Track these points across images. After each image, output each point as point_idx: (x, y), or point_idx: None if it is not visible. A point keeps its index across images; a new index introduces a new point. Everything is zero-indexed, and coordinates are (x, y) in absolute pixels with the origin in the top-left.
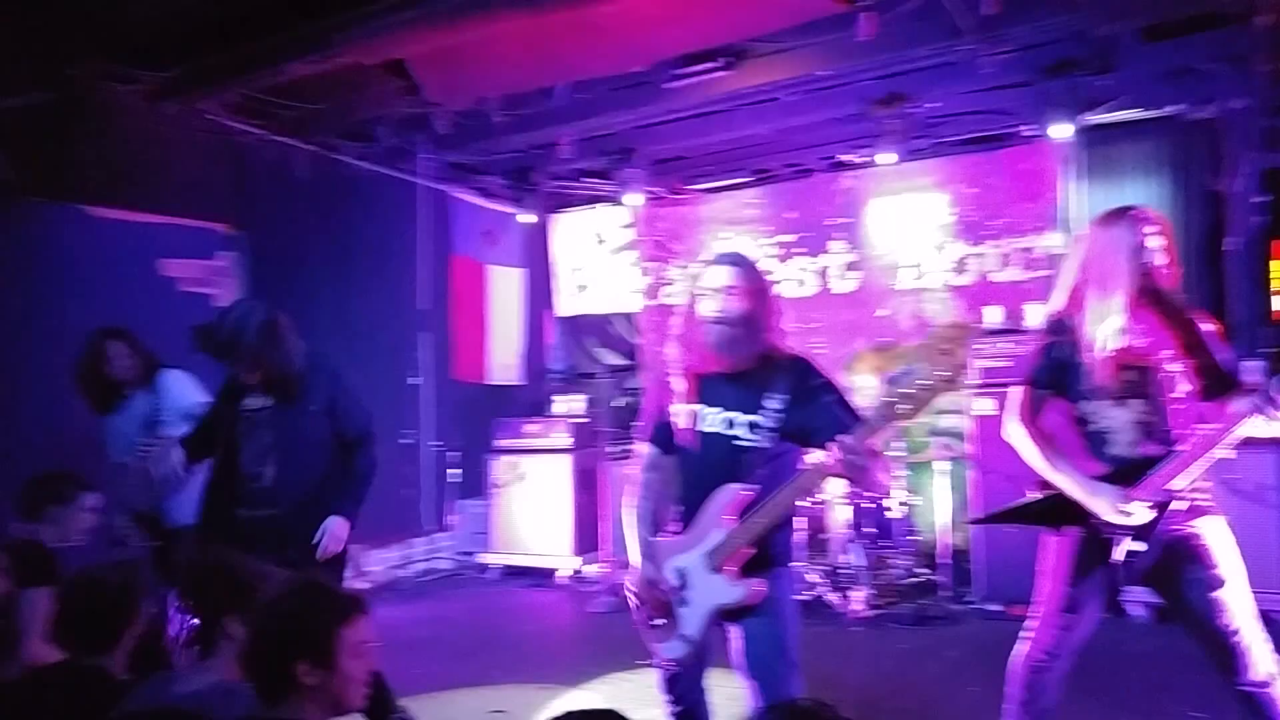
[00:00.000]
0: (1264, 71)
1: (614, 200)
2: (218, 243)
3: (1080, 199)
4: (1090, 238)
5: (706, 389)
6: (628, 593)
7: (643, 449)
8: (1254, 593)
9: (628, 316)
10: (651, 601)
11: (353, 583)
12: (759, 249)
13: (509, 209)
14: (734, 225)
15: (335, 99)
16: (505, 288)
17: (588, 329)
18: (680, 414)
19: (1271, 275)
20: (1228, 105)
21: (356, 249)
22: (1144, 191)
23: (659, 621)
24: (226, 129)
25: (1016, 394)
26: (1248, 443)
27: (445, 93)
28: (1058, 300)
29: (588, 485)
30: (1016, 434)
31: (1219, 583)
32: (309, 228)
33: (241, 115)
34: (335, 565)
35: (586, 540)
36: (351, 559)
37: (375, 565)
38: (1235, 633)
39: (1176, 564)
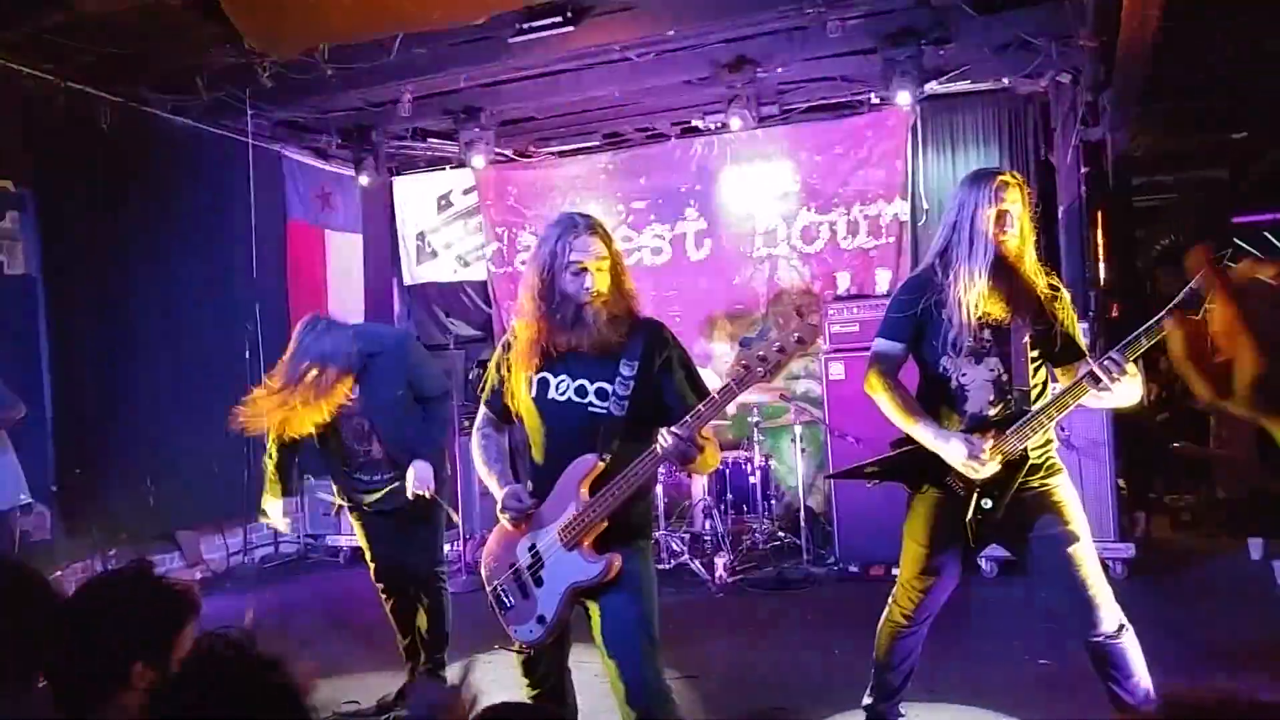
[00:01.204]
0: (1088, 48)
1: (459, 163)
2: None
3: (926, 167)
4: (957, 199)
5: (555, 356)
6: (499, 515)
7: (481, 411)
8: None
9: (480, 285)
10: (522, 509)
11: (188, 572)
12: (614, 216)
13: (347, 171)
14: (588, 191)
15: (141, 43)
16: (345, 255)
17: (437, 298)
18: (526, 383)
19: (1097, 245)
20: (1056, 79)
21: (177, 214)
22: (982, 160)
23: (513, 604)
24: (6, 71)
25: (878, 349)
26: None
27: (267, 40)
28: (927, 261)
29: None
30: (878, 387)
31: (1073, 538)
32: (117, 189)
33: (26, 57)
34: (431, 515)
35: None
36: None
37: (214, 553)
38: (1088, 587)
39: (1030, 520)
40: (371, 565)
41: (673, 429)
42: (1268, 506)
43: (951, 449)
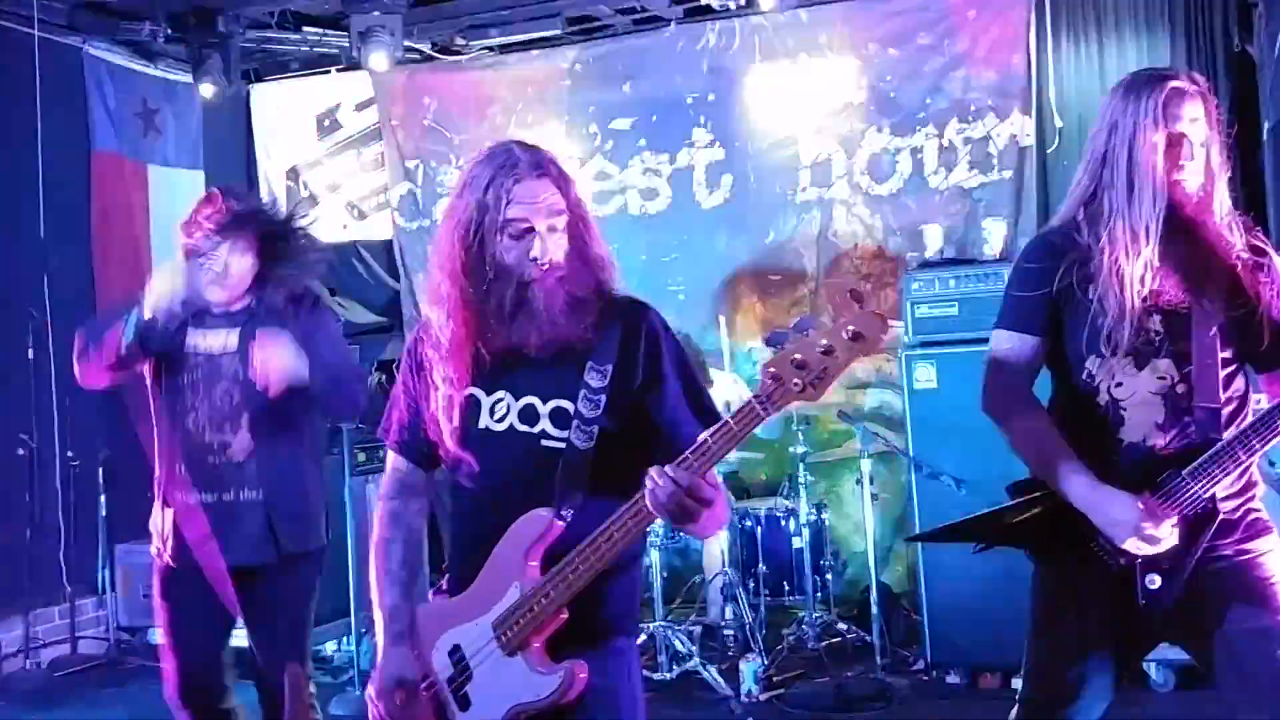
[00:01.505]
0: None
1: (350, 64)
2: None
3: (1058, 67)
4: (1107, 118)
5: (487, 363)
6: (369, 701)
7: (390, 463)
8: None
9: (383, 246)
10: (409, 711)
11: None
12: (584, 142)
13: (181, 75)
14: (545, 105)
15: None
16: (178, 201)
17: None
18: (451, 405)
19: None
20: None
21: None
22: (1145, 55)
23: None
24: None
25: (1000, 348)
26: None
27: None
28: (1066, 210)
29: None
30: (1004, 408)
31: None
32: None
33: None
34: (300, 574)
35: (324, 597)
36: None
37: None
38: None
39: (1222, 607)
40: (174, 659)
41: (668, 468)
42: None
43: (1112, 514)
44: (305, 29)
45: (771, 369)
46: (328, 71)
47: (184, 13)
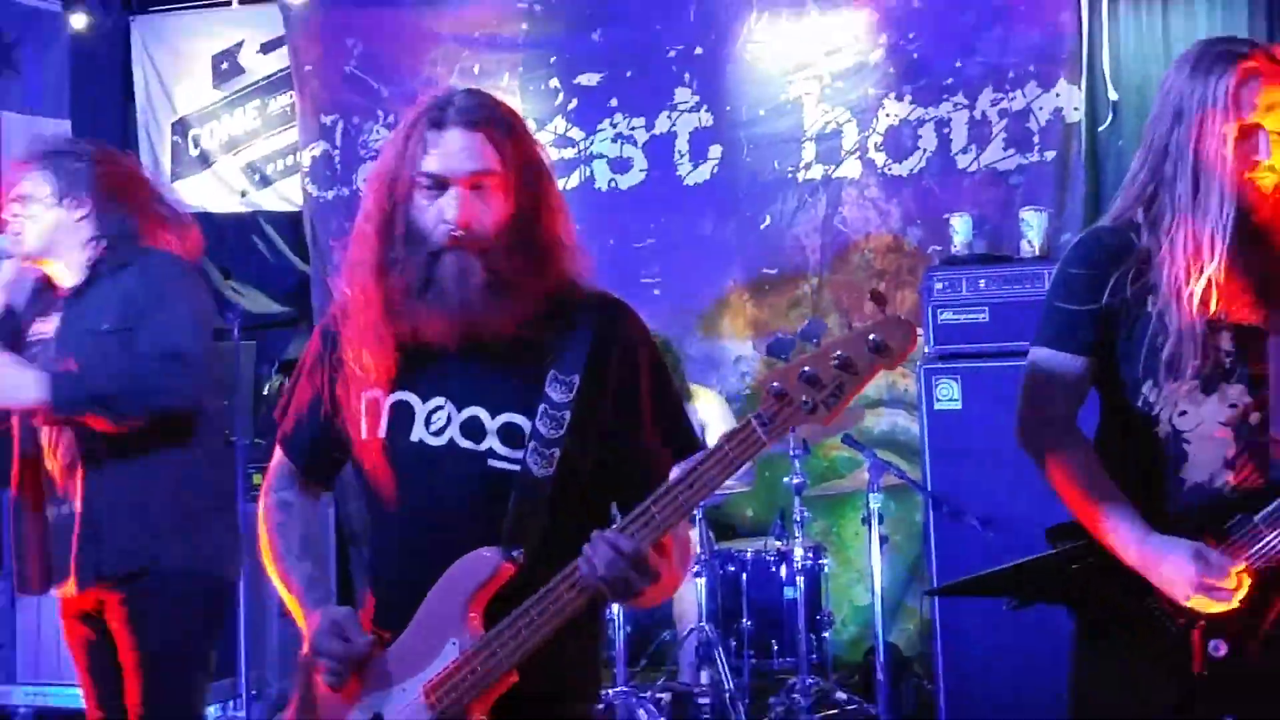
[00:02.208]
0: None
1: None
2: None
3: (1114, 27)
4: (1171, 99)
5: (423, 363)
6: (302, 670)
7: (277, 457)
8: None
9: (290, 219)
10: (352, 653)
11: None
12: (543, 99)
13: (46, 2)
14: (494, 51)
15: None
16: None
17: (210, 242)
18: (369, 409)
19: None
20: None
21: None
22: (1219, 21)
23: None
24: None
25: (1041, 366)
26: None
27: None
28: (1122, 206)
29: None
30: (1045, 442)
31: None
32: None
33: None
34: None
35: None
36: None
37: None
38: None
39: None
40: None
41: (610, 535)
42: None
43: (1169, 566)
44: None
45: (776, 384)
46: (228, 3)
47: None
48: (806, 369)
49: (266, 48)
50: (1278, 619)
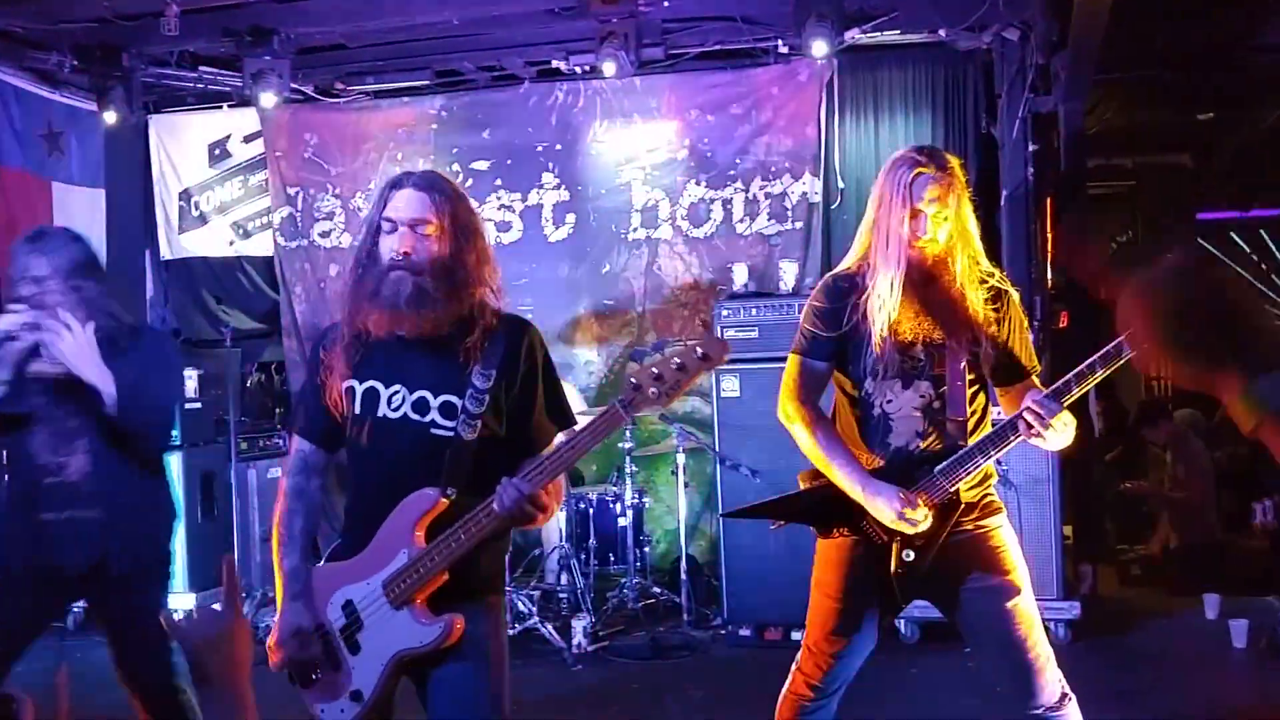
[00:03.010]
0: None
1: (241, 100)
2: None
3: (843, 137)
4: (877, 190)
5: (386, 360)
6: (269, 651)
7: (295, 446)
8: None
9: (265, 262)
10: (305, 657)
11: None
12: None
13: (86, 103)
14: (413, 145)
15: None
16: (81, 217)
17: (206, 278)
18: (348, 394)
19: (1046, 239)
20: (1002, 34)
21: None
22: (912, 130)
23: (320, 676)
24: None
25: (794, 368)
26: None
27: None
28: (850, 257)
29: (208, 495)
30: (797, 417)
31: (1012, 591)
32: None
33: None
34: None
35: (207, 570)
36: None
37: None
38: (1028, 650)
39: (963, 570)
40: None
41: (515, 481)
42: (1223, 559)
43: (880, 501)
44: (201, 68)
45: (634, 379)
46: (220, 106)
47: (90, 46)
48: (655, 370)
49: (248, 139)
50: (948, 536)
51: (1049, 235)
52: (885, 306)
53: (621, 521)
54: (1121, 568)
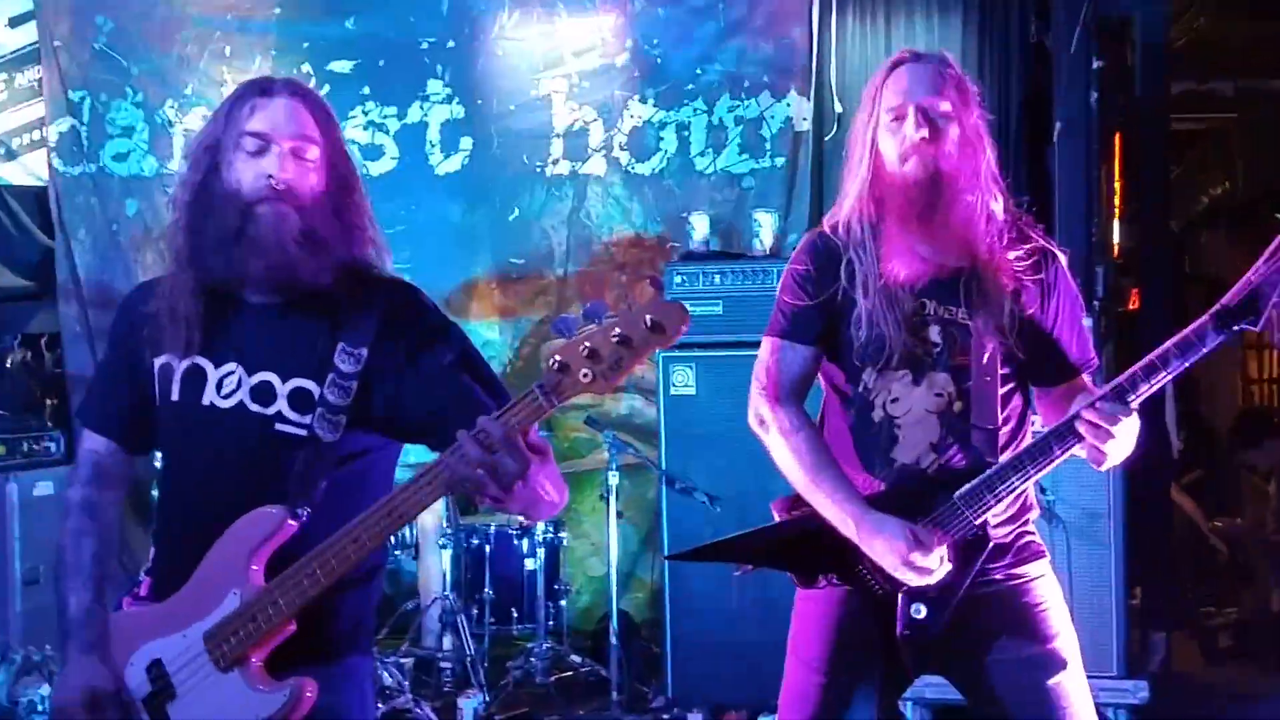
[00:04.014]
0: None
1: None
2: None
3: (841, 43)
4: (862, 107)
5: (218, 330)
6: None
7: (85, 445)
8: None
9: (34, 194)
10: None
11: None
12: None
13: None
14: (246, 36)
15: None
16: None
17: None
18: (162, 375)
19: (1113, 188)
20: None
21: None
22: (934, 38)
23: None
24: None
25: (769, 355)
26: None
27: None
28: (839, 206)
29: None
30: (774, 424)
31: (1057, 664)
32: None
33: None
34: None
35: None
36: None
37: None
38: None
39: (991, 635)
40: None
41: (483, 423)
42: None
43: (880, 544)
44: None
45: (559, 357)
46: None
47: None
48: (588, 344)
49: (14, 22)
50: (972, 588)
51: (1118, 183)
52: (878, 252)
53: (529, 565)
54: (1205, 637)
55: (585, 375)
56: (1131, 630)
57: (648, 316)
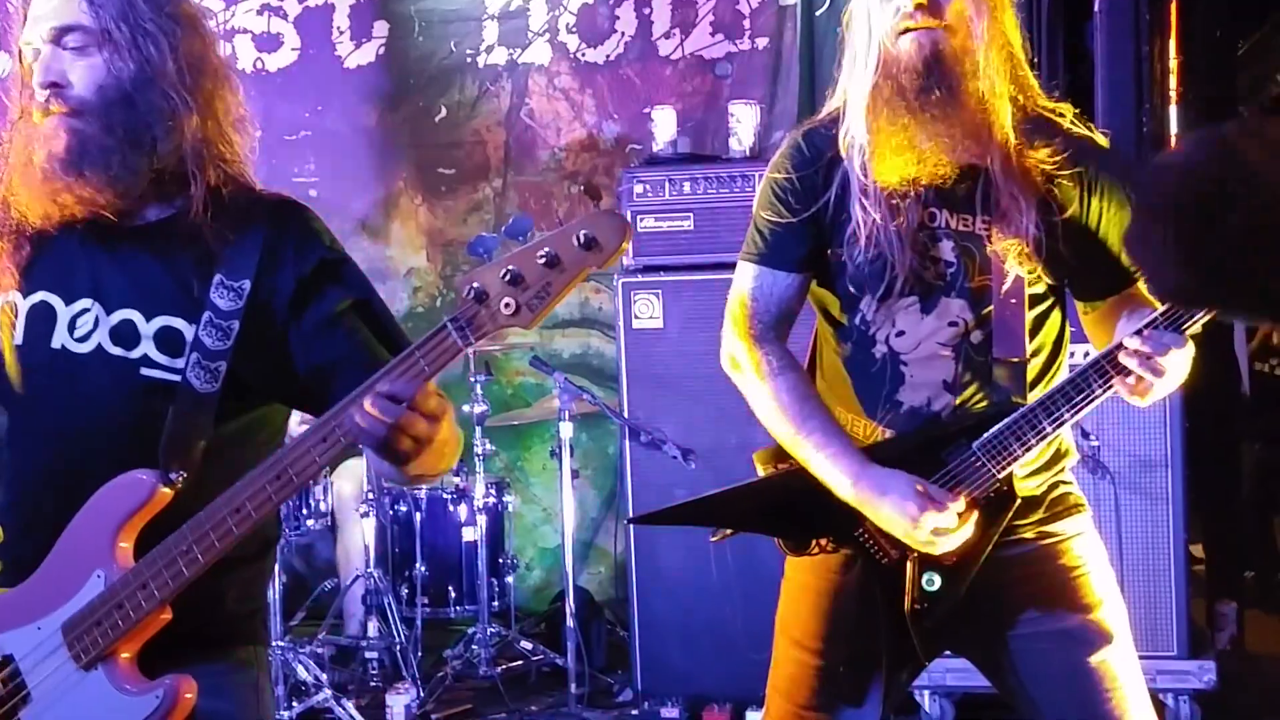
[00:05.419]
0: None
1: None
2: None
3: None
4: None
5: (67, 262)
6: None
7: None
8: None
9: None
10: None
11: None
12: None
13: None
14: None
15: None
16: None
17: None
18: (10, 314)
19: (1169, 66)
20: None
21: None
22: None
23: None
24: None
25: (745, 283)
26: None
27: None
28: (837, 97)
29: None
30: (750, 363)
31: (1099, 638)
32: None
33: None
34: None
35: None
36: None
37: None
38: None
39: (1019, 606)
40: None
41: (384, 380)
42: None
43: (884, 504)
44: None
45: (476, 284)
46: None
47: None
48: (511, 267)
49: None
50: (996, 551)
51: (1173, 61)
52: (865, 157)
53: (468, 535)
54: None
55: (507, 305)
56: (1194, 602)
57: (581, 232)
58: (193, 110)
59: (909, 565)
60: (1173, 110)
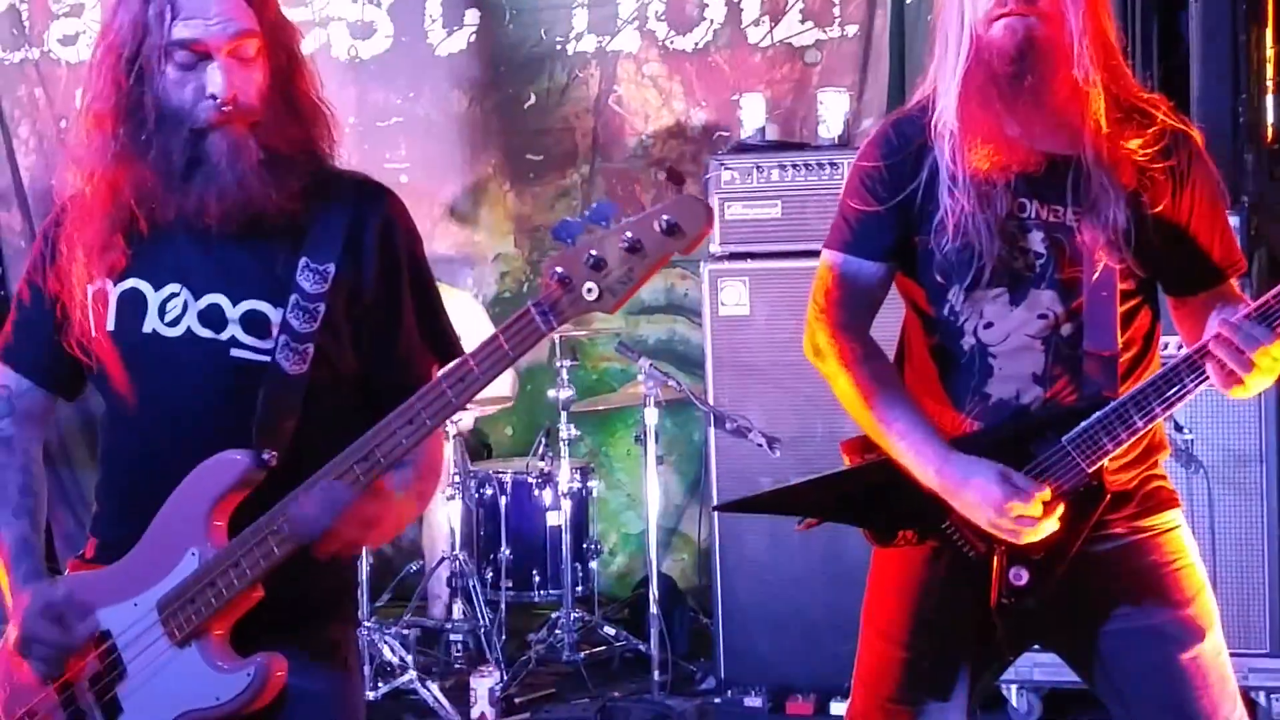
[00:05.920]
0: None
1: None
2: None
3: None
4: None
5: (155, 246)
6: (6, 658)
7: None
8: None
9: None
10: (63, 644)
11: None
12: None
13: None
14: None
15: None
16: None
17: None
18: (96, 301)
19: (1266, 55)
20: None
21: None
22: None
23: None
24: None
25: (829, 272)
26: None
27: None
28: (925, 87)
29: None
30: (833, 352)
31: (1193, 634)
32: None
33: None
34: None
35: None
36: None
37: None
38: None
39: (1110, 601)
40: None
41: (325, 483)
42: None
43: (971, 496)
44: None
45: (559, 269)
46: None
47: None
48: (593, 252)
49: None
50: (1086, 544)
51: (1270, 50)
52: (955, 145)
53: (552, 520)
54: None
55: (590, 290)
56: None
57: (664, 217)
58: (309, 111)
59: (996, 559)
60: (1269, 100)
